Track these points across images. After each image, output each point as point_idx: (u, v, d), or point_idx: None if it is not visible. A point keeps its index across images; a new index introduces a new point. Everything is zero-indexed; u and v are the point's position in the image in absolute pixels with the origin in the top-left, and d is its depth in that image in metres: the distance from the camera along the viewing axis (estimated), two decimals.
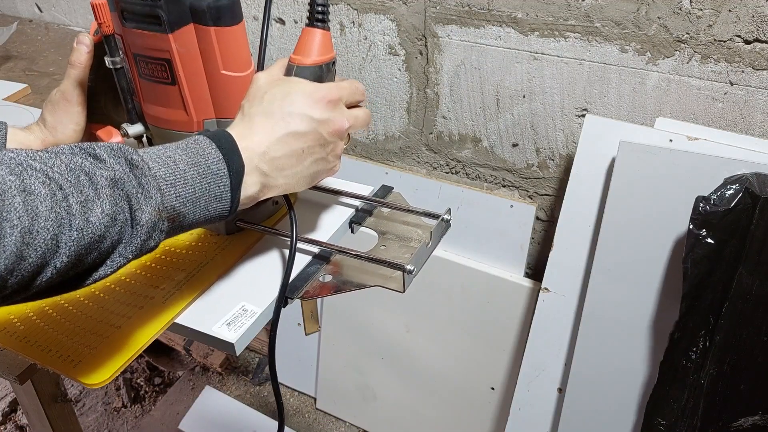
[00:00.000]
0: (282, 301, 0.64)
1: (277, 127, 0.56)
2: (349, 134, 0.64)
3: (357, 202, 0.79)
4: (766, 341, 0.96)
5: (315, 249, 0.71)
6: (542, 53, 1.15)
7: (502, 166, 1.32)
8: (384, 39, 1.30)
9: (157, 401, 1.80)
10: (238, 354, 0.61)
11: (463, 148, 1.34)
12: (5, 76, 1.33)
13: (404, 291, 0.64)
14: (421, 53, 1.27)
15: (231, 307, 0.64)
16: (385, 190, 0.82)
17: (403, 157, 1.44)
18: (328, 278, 0.67)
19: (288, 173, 0.58)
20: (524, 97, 1.21)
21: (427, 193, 1.41)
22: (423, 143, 1.39)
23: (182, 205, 0.50)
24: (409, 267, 0.64)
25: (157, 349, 1.86)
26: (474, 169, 1.36)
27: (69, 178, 0.43)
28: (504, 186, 1.35)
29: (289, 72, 0.61)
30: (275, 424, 1.69)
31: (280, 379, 1.84)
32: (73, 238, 0.42)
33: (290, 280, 0.65)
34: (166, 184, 0.49)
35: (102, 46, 0.65)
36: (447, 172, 1.40)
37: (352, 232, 0.77)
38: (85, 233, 0.42)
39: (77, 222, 0.42)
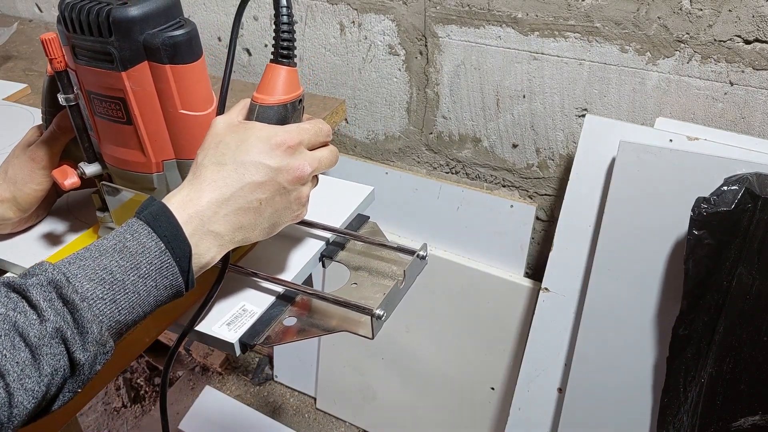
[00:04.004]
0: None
1: (230, 179, 0.52)
2: (316, 176, 0.60)
3: (329, 234, 0.73)
4: (766, 341, 0.96)
5: (279, 288, 0.66)
6: (542, 53, 1.15)
7: (502, 166, 1.32)
8: (384, 39, 1.30)
9: (157, 401, 1.80)
10: (238, 354, 0.61)
11: (463, 148, 1.34)
12: (5, 76, 1.33)
13: (373, 337, 0.60)
14: (421, 53, 1.27)
15: (231, 307, 0.64)
16: (361, 220, 0.77)
17: (403, 157, 1.44)
18: (292, 321, 0.62)
19: (246, 228, 0.54)
20: (524, 97, 1.21)
21: (427, 193, 1.41)
22: (423, 143, 1.39)
23: (128, 314, 0.47)
24: (378, 312, 0.59)
25: (157, 349, 1.86)
26: (474, 169, 1.36)
27: (4, 349, 0.40)
28: (504, 186, 1.35)
29: (251, 112, 0.57)
30: (275, 423, 1.70)
31: (280, 379, 1.84)
32: (15, 414, 0.41)
33: (252, 323, 0.62)
34: (105, 303, 0.45)
35: (56, 81, 0.61)
36: (447, 172, 1.40)
37: (324, 266, 0.72)
38: (26, 404, 0.41)
39: (17, 398, 0.40)
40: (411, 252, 0.68)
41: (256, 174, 0.53)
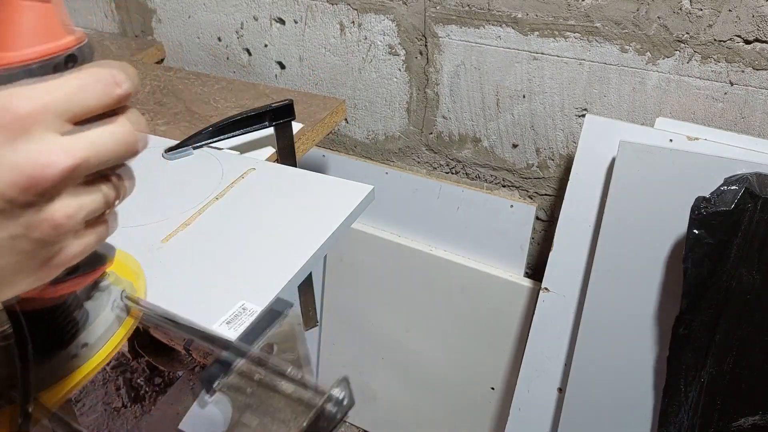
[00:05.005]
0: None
1: None
2: (108, 177, 0.33)
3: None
4: (766, 341, 0.96)
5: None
6: (542, 53, 1.15)
7: (502, 166, 1.32)
8: (384, 39, 1.30)
9: (157, 401, 1.80)
10: None
11: (463, 148, 1.34)
12: None
13: None
14: (421, 53, 1.27)
15: (231, 306, 0.64)
16: (280, 308, 0.51)
17: (403, 157, 1.44)
18: None
19: None
20: (524, 97, 1.21)
21: (427, 193, 1.41)
22: (423, 143, 1.39)
23: None
24: None
25: (157, 349, 1.86)
26: (474, 169, 1.36)
27: None
28: (504, 186, 1.35)
29: None
30: None
31: None
32: None
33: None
34: None
35: None
36: (447, 172, 1.40)
37: (209, 395, 0.46)
38: None
39: None
40: (320, 393, 0.40)
41: None
